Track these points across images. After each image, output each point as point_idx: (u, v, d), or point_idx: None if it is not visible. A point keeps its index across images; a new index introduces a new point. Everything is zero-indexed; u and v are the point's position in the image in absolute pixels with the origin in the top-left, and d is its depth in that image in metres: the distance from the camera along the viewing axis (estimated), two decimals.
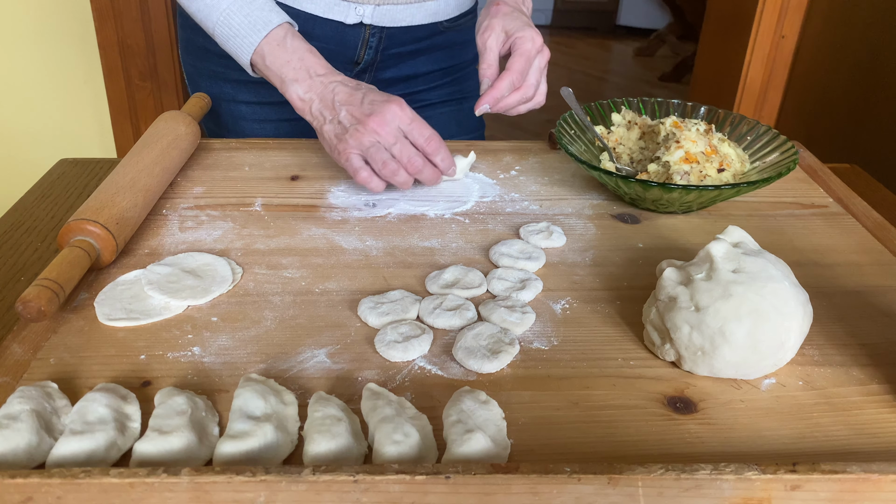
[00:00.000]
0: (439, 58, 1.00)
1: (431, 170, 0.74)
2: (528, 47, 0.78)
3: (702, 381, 0.51)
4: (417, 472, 0.39)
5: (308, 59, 0.77)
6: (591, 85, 3.71)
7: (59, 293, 0.53)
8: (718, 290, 0.51)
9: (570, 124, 0.82)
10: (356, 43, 0.93)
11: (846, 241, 0.71)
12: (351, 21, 0.90)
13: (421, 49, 0.97)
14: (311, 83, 0.76)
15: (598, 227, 0.72)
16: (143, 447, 0.42)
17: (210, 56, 0.94)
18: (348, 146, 0.73)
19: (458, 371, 0.52)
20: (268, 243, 0.67)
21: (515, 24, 0.79)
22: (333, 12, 0.90)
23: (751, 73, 1.93)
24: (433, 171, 0.74)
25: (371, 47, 0.94)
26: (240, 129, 0.98)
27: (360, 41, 0.93)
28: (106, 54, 1.75)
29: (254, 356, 0.53)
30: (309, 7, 0.89)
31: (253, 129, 0.97)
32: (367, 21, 0.91)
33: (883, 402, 0.50)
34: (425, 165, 0.74)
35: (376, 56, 0.95)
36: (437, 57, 0.99)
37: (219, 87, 0.96)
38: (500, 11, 0.80)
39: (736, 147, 0.79)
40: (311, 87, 0.76)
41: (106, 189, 0.65)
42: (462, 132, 1.04)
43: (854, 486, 0.40)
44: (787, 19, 1.87)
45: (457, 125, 1.04)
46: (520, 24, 0.79)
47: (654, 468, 0.40)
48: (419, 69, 0.99)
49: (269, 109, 0.97)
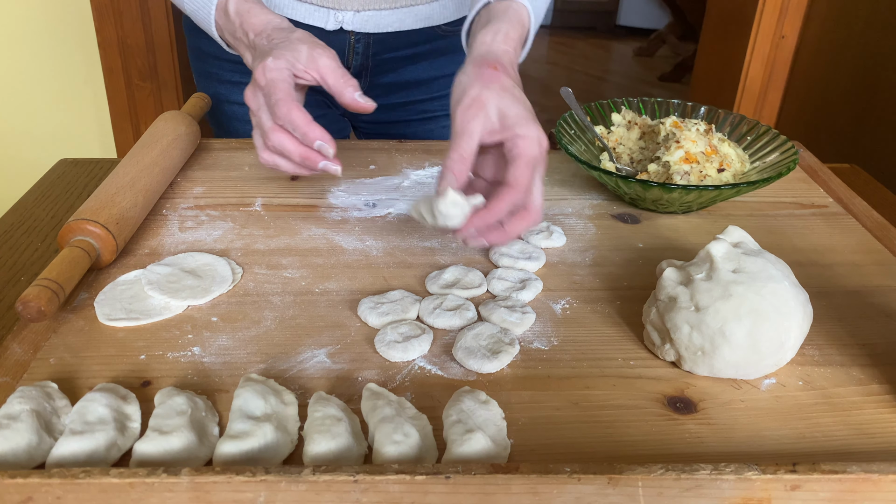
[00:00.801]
0: (442, 64, 0.97)
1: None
2: (534, 153, 0.57)
3: (702, 381, 0.51)
4: (417, 472, 0.39)
5: (247, 21, 0.69)
6: (591, 85, 3.71)
7: (59, 293, 0.53)
8: (718, 290, 0.51)
9: (570, 124, 0.82)
10: (342, 48, 0.91)
11: (846, 241, 0.71)
12: (331, 27, 0.89)
13: (420, 54, 0.95)
14: (251, 51, 0.70)
15: (598, 227, 0.72)
16: (143, 447, 0.42)
17: (205, 57, 0.94)
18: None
19: (458, 371, 0.52)
20: (268, 243, 0.67)
21: (516, 112, 0.58)
22: (313, 18, 0.88)
23: (751, 73, 1.93)
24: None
25: (358, 53, 0.92)
26: (234, 129, 0.97)
27: (346, 47, 0.91)
28: (106, 54, 1.75)
29: (254, 356, 0.53)
30: (289, 13, 0.88)
31: (246, 129, 0.96)
32: (349, 27, 0.89)
33: (883, 402, 0.50)
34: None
35: (367, 62, 0.93)
36: (440, 63, 0.97)
37: (214, 88, 0.96)
38: (497, 81, 0.59)
39: (736, 147, 0.79)
40: (253, 56, 0.70)
41: (106, 189, 0.65)
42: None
43: (854, 486, 0.40)
44: (787, 19, 1.87)
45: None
46: (522, 111, 0.59)
47: (654, 468, 0.40)
48: (420, 75, 0.97)
49: None
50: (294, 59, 0.64)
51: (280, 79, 0.63)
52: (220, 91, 0.96)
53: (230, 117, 0.97)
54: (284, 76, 0.64)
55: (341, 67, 0.66)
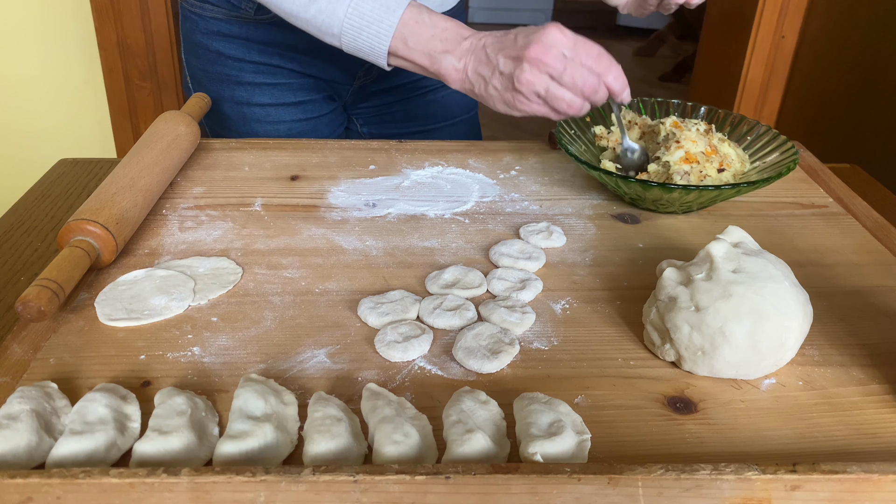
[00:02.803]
0: None
1: (605, 91, 0.70)
2: None
3: (702, 381, 0.51)
4: (417, 473, 0.39)
5: (450, 27, 0.72)
6: None
7: (59, 293, 0.53)
8: (718, 290, 0.51)
9: (570, 124, 0.82)
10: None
11: (846, 241, 0.71)
12: None
13: None
14: (461, 49, 0.72)
15: (598, 227, 0.72)
16: (143, 447, 0.42)
17: (224, 60, 0.94)
18: (521, 96, 0.69)
19: (458, 371, 0.52)
20: (268, 243, 0.67)
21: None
22: None
23: (751, 73, 1.93)
24: (605, 92, 0.70)
25: None
26: (252, 131, 0.98)
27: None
28: (106, 54, 1.75)
29: (254, 356, 0.53)
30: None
31: (266, 130, 0.98)
32: None
33: (883, 402, 0.50)
34: (600, 86, 0.69)
35: None
36: None
37: (231, 90, 0.96)
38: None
39: (736, 147, 0.79)
40: (462, 53, 0.72)
41: (106, 189, 0.65)
42: (462, 112, 1.06)
43: (854, 486, 0.40)
44: (787, 19, 1.87)
45: (458, 107, 1.05)
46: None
47: (654, 468, 0.40)
48: None
49: (283, 111, 0.97)
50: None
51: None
52: (240, 94, 0.96)
53: (250, 119, 0.97)
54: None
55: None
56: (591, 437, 0.45)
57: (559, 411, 0.46)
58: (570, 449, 0.43)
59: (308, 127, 0.98)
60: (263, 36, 0.91)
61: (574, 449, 0.43)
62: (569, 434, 0.44)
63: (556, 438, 0.43)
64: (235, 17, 0.90)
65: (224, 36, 0.92)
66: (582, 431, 0.45)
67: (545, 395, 0.48)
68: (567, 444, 0.43)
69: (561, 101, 0.68)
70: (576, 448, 0.44)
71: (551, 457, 0.42)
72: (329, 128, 1.01)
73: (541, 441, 0.43)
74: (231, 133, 0.99)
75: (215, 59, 0.95)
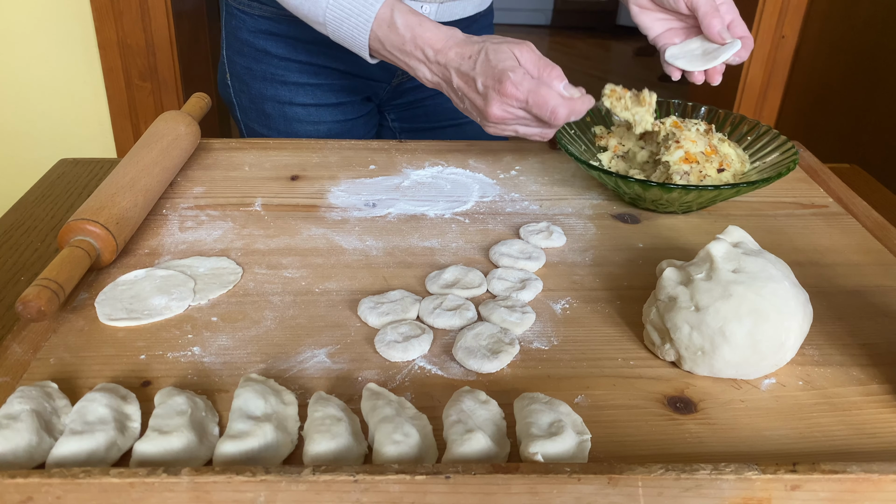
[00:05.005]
0: None
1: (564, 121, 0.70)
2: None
3: (702, 381, 0.51)
4: (417, 472, 0.39)
5: (420, 36, 0.72)
6: (591, 85, 3.69)
7: (59, 293, 0.53)
8: (718, 290, 0.51)
9: (570, 124, 0.82)
10: None
11: (846, 241, 0.71)
12: None
13: None
14: (430, 66, 0.73)
15: (598, 227, 0.72)
16: (143, 447, 0.42)
17: (269, 58, 0.94)
18: (491, 126, 0.71)
19: (458, 371, 0.52)
20: (268, 243, 0.67)
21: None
22: None
23: (751, 73, 1.93)
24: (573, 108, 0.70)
25: None
26: (293, 130, 0.99)
27: None
28: (106, 54, 1.75)
29: (254, 356, 0.53)
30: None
31: (307, 130, 0.99)
32: (431, 18, 0.90)
33: (883, 402, 0.50)
34: (556, 127, 0.71)
35: None
36: None
37: (274, 89, 0.96)
38: None
39: (736, 147, 0.79)
40: (432, 71, 0.73)
41: (106, 189, 0.65)
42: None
43: (854, 486, 0.40)
44: (787, 19, 1.87)
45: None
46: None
47: (654, 468, 0.40)
48: None
49: (324, 111, 0.98)
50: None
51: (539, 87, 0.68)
52: (283, 93, 0.96)
53: (292, 119, 0.98)
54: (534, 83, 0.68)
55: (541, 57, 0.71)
56: (592, 437, 0.45)
57: (559, 411, 0.46)
58: (570, 449, 0.43)
59: (346, 128, 0.99)
60: (311, 35, 0.91)
61: (574, 449, 0.44)
62: (569, 434, 0.44)
63: (557, 438, 0.43)
64: (285, 15, 0.90)
65: (272, 34, 0.93)
66: (582, 432, 0.45)
67: (545, 395, 0.48)
68: (567, 444, 0.43)
69: (531, 137, 0.71)
70: (576, 448, 0.44)
71: (552, 457, 0.42)
72: (364, 128, 1.03)
73: (541, 441, 0.43)
74: (270, 132, 1.00)
75: (261, 58, 0.95)
